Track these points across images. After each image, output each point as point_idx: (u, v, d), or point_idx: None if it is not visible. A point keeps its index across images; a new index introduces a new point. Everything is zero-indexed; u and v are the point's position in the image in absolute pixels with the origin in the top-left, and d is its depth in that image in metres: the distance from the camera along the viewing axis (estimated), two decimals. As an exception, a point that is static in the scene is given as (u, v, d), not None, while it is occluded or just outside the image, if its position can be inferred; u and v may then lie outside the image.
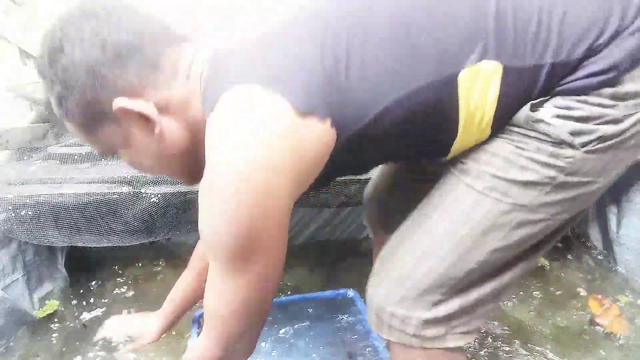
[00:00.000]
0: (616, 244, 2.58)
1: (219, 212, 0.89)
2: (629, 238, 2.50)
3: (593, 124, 0.96)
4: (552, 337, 2.15)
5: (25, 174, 2.36)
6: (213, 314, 1.03)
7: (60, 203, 2.11)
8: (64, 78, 0.99)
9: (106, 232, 2.23)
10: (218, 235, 0.91)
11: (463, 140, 1.05)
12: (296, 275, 2.74)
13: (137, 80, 1.00)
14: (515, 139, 1.02)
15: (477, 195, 1.08)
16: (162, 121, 1.03)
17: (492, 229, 1.08)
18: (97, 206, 2.15)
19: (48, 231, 2.15)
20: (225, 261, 0.94)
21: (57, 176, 2.29)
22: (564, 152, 0.99)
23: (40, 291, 2.43)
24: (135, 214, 2.18)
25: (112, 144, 1.09)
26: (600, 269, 2.64)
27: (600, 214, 2.71)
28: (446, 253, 1.13)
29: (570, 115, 0.96)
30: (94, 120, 1.04)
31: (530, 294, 2.45)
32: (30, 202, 2.09)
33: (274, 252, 0.97)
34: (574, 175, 1.02)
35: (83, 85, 0.98)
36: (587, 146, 0.97)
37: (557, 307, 2.34)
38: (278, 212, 0.92)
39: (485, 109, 0.99)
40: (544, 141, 0.99)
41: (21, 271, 2.32)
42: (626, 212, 2.50)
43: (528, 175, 1.02)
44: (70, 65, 0.97)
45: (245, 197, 0.86)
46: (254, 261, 0.94)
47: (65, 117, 1.07)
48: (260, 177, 0.86)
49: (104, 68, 0.97)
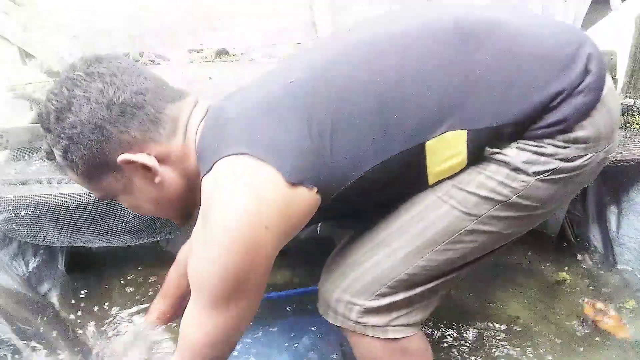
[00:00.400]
0: (616, 244, 2.57)
1: (213, 258, 1.02)
2: (629, 238, 2.50)
3: (547, 158, 1.15)
4: (551, 338, 2.15)
5: (25, 174, 2.36)
6: (189, 339, 1.14)
7: (60, 203, 2.12)
8: (71, 134, 1.09)
9: (106, 232, 2.24)
10: (208, 276, 1.04)
11: (437, 177, 1.21)
12: (296, 275, 2.76)
13: (140, 135, 1.12)
14: (479, 164, 1.20)
15: (436, 199, 1.22)
16: (162, 171, 1.16)
17: (443, 231, 1.22)
18: (97, 206, 2.15)
19: (48, 231, 2.15)
20: (211, 298, 1.06)
21: (57, 176, 2.29)
22: (519, 177, 1.17)
23: (40, 291, 2.43)
24: (135, 214, 2.18)
25: (113, 191, 1.21)
26: (600, 269, 2.64)
27: (600, 214, 2.71)
28: (397, 247, 1.25)
29: (526, 149, 1.16)
30: (97, 170, 1.15)
31: (530, 295, 2.45)
32: (30, 202, 2.09)
33: (255, 295, 1.11)
34: (525, 199, 1.19)
35: (89, 140, 1.09)
36: (540, 175, 1.16)
37: (556, 309, 2.34)
38: (264, 261, 1.06)
39: (452, 161, 1.16)
40: (502, 166, 1.18)
41: (21, 271, 2.32)
42: (626, 212, 2.50)
43: (485, 191, 1.19)
44: (77, 123, 1.08)
45: (237, 249, 1.00)
46: (236, 301, 1.07)
47: (69, 168, 1.17)
48: (250, 234, 1.00)
49: (110, 125, 1.09)
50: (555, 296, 2.43)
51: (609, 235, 2.62)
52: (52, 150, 1.18)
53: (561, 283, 2.54)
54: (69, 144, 1.10)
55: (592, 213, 2.78)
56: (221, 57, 3.79)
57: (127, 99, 1.09)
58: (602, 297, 2.39)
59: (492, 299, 2.43)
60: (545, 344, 2.11)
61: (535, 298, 2.42)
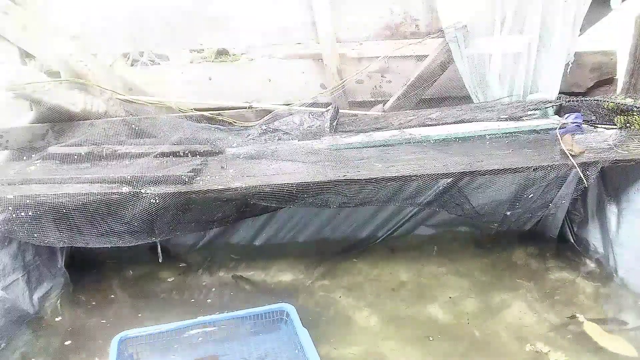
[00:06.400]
0: (616, 244, 2.57)
1: None
2: (628, 238, 2.50)
3: None
4: (551, 337, 2.15)
5: (25, 174, 2.36)
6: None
7: (60, 203, 2.11)
8: None
9: (106, 232, 2.23)
10: None
11: None
12: (297, 274, 2.77)
13: None
14: None
15: None
16: None
17: None
18: (97, 206, 2.14)
19: (48, 231, 2.15)
20: None
21: (57, 176, 2.29)
22: None
23: (40, 291, 2.43)
24: (135, 214, 2.17)
25: None
26: (600, 269, 2.64)
27: (600, 214, 2.71)
28: None
29: None
30: None
31: (530, 295, 2.45)
32: (30, 202, 2.09)
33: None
34: None
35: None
36: None
37: (556, 308, 2.34)
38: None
39: None
40: None
41: (21, 271, 2.32)
42: (626, 212, 2.49)
43: None
44: None
45: None
46: None
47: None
48: None
49: None
50: (555, 296, 2.43)
51: (609, 236, 2.61)
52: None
53: (561, 283, 2.54)
54: None
55: (592, 213, 2.78)
56: (221, 57, 3.79)
57: None
58: (602, 297, 2.40)
59: (493, 299, 2.44)
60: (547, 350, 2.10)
61: (535, 297, 2.42)
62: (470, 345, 2.12)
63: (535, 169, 2.28)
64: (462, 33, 2.84)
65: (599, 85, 3.26)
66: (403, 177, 2.25)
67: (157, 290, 2.63)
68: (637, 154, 2.33)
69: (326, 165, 2.40)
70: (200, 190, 2.17)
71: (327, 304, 2.45)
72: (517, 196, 2.50)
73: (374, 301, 2.46)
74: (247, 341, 2.08)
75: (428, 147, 2.63)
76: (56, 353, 2.16)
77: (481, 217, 2.67)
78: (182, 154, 2.60)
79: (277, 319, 2.15)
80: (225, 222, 2.62)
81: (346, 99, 3.22)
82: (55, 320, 2.37)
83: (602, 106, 2.79)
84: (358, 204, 2.44)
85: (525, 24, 2.86)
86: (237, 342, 2.08)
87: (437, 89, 3.09)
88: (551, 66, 2.92)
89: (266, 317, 2.14)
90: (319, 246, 3.03)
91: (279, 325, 2.14)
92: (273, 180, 2.23)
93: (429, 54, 3.01)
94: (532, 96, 2.97)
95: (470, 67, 2.91)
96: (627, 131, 2.62)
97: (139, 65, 3.54)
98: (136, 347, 2.00)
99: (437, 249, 2.94)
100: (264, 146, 2.72)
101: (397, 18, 3.14)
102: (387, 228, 3.09)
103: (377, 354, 2.09)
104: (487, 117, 2.84)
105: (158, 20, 3.04)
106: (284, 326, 2.12)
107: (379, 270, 2.74)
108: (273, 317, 2.15)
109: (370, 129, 2.90)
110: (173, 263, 2.89)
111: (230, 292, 2.59)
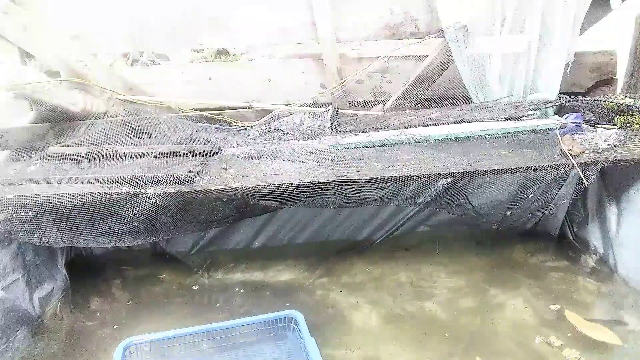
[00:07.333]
0: (616, 244, 2.57)
1: None
2: (628, 238, 2.50)
3: None
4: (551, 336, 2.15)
5: (25, 174, 2.36)
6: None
7: (60, 203, 2.11)
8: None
9: (106, 232, 2.23)
10: None
11: None
12: (297, 274, 2.77)
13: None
14: None
15: None
16: None
17: None
18: (97, 206, 2.14)
19: (48, 231, 2.15)
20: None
21: (57, 176, 2.29)
22: None
23: (40, 291, 2.43)
24: (135, 214, 2.17)
25: None
26: (600, 268, 2.64)
27: (600, 214, 2.71)
28: None
29: None
30: None
31: (530, 294, 2.45)
32: (30, 202, 2.09)
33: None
34: None
35: None
36: None
37: (556, 307, 2.34)
38: None
39: None
40: None
41: (21, 271, 2.31)
42: (626, 212, 2.50)
43: None
44: None
45: None
46: None
47: None
48: None
49: None
50: (555, 295, 2.43)
51: (609, 235, 2.61)
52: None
53: (561, 282, 2.54)
54: None
55: (592, 213, 2.78)
56: (221, 57, 3.79)
57: None
58: (603, 296, 2.40)
59: (493, 298, 2.44)
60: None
61: (536, 296, 2.42)
62: (470, 344, 2.12)
63: (536, 169, 2.28)
64: (462, 33, 2.84)
65: (599, 85, 3.26)
66: (403, 177, 2.25)
67: (158, 291, 2.63)
68: (637, 154, 2.33)
69: (326, 165, 2.40)
70: (200, 190, 2.16)
71: (327, 304, 2.45)
72: (517, 196, 2.51)
73: (374, 301, 2.46)
74: (252, 349, 2.07)
75: (428, 147, 2.63)
76: (56, 355, 2.16)
77: (481, 217, 2.67)
78: (182, 154, 2.60)
79: (285, 326, 2.11)
80: (225, 222, 2.62)
81: (346, 99, 3.22)
82: (55, 320, 2.37)
83: (602, 106, 2.79)
84: (358, 204, 2.44)
85: (525, 24, 2.86)
86: (242, 349, 2.07)
87: (437, 89, 3.09)
88: (551, 66, 2.92)
89: (273, 324, 2.11)
90: (319, 246, 3.03)
91: (285, 332, 2.11)
92: (273, 180, 2.23)
93: (429, 54, 3.01)
94: (532, 96, 2.97)
95: (470, 67, 2.91)
96: (627, 131, 2.63)
97: (139, 65, 3.53)
98: (141, 354, 1.99)
99: (438, 248, 2.95)
100: (264, 146, 2.72)
101: (397, 18, 3.14)
102: (387, 228, 3.09)
103: (377, 354, 2.09)
104: (487, 117, 2.84)
105: (158, 20, 3.04)
106: (291, 334, 2.10)
107: (379, 270, 2.74)
108: (280, 324, 2.11)
109: (370, 129, 2.90)
110: (173, 264, 2.89)
111: (230, 293, 2.59)
